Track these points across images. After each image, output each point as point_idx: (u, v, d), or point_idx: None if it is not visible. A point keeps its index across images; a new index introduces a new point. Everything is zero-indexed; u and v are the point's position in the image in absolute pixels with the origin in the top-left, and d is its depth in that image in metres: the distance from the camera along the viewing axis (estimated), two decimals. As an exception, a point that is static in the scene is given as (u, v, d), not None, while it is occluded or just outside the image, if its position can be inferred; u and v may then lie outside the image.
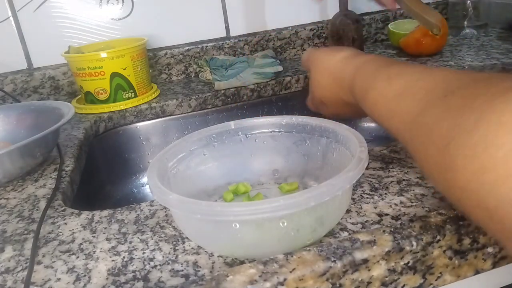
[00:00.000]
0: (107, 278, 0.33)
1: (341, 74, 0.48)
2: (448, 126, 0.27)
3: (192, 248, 0.36)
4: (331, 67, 0.50)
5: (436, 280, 0.35)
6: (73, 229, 0.41)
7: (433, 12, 0.66)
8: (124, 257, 0.36)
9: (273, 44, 1.00)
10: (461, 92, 0.28)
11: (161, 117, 0.83)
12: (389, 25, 1.00)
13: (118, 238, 0.38)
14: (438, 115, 0.29)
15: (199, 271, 0.33)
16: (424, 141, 0.29)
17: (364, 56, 0.47)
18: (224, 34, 0.99)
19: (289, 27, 1.02)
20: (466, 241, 0.34)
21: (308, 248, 0.32)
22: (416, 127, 0.31)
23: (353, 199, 0.40)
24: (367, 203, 0.39)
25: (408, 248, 0.32)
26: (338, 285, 0.31)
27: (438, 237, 0.33)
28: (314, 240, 0.34)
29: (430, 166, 0.29)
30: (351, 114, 0.52)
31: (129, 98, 0.81)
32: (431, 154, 0.28)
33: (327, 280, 0.31)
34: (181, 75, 0.97)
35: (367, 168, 0.44)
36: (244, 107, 0.87)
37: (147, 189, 0.82)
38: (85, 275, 0.34)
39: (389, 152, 0.48)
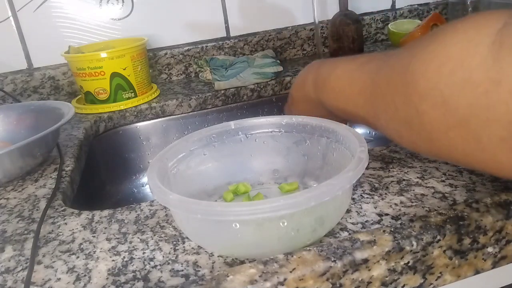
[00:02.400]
0: (107, 278, 0.33)
1: (304, 91, 0.51)
2: (407, 55, 0.31)
3: (192, 248, 0.36)
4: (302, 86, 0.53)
5: (436, 280, 0.35)
6: (73, 229, 0.41)
7: None
8: (124, 257, 0.36)
9: (273, 44, 1.00)
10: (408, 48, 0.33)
11: (161, 117, 0.83)
12: (389, 25, 1.00)
13: (118, 238, 0.38)
14: (396, 59, 0.33)
15: (199, 271, 0.33)
16: (386, 82, 0.33)
17: (314, 65, 0.51)
18: (224, 34, 0.99)
19: (289, 27, 1.02)
20: (466, 241, 0.34)
21: (308, 248, 0.32)
22: (378, 77, 0.35)
23: (353, 199, 0.40)
24: (367, 203, 0.39)
25: (408, 248, 0.32)
26: (338, 285, 0.31)
27: (438, 237, 0.33)
28: (314, 240, 0.34)
29: (393, 97, 0.32)
30: None
31: (129, 98, 0.81)
32: (394, 83, 0.32)
33: (327, 280, 0.31)
34: (181, 75, 0.97)
35: (367, 168, 0.44)
36: (244, 107, 0.87)
37: (147, 189, 0.82)
38: (85, 275, 0.34)
39: (389, 152, 0.48)
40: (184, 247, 0.36)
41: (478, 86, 0.25)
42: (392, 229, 0.33)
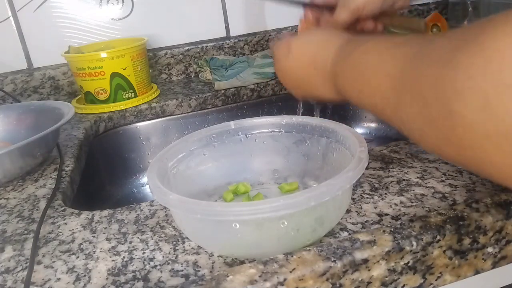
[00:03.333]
0: (107, 278, 0.33)
1: (316, 56, 0.45)
2: (450, 47, 0.26)
3: (192, 248, 0.36)
4: (308, 51, 0.47)
5: (436, 280, 0.35)
6: (73, 229, 0.41)
7: (416, 19, 0.67)
8: (124, 257, 0.36)
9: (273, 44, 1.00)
10: (451, 33, 0.28)
11: (161, 117, 0.83)
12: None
13: (118, 238, 0.38)
14: (436, 48, 0.28)
15: (199, 271, 0.33)
16: (419, 71, 0.28)
17: (342, 35, 0.45)
18: (224, 34, 0.99)
19: (289, 27, 1.02)
20: (466, 241, 0.34)
21: (308, 248, 0.32)
22: (412, 64, 0.30)
23: (353, 199, 0.40)
24: (367, 203, 0.39)
25: (408, 248, 0.32)
26: (338, 285, 0.31)
27: (438, 237, 0.33)
28: (314, 240, 0.34)
29: (423, 90, 0.27)
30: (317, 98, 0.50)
31: (129, 98, 0.81)
32: (428, 75, 0.27)
33: (327, 280, 0.31)
34: (181, 75, 0.97)
35: (367, 168, 0.44)
36: (244, 107, 0.87)
37: (147, 189, 0.82)
38: (85, 275, 0.34)
39: (389, 152, 0.48)
40: (184, 247, 0.36)
41: None
42: (392, 229, 0.33)
